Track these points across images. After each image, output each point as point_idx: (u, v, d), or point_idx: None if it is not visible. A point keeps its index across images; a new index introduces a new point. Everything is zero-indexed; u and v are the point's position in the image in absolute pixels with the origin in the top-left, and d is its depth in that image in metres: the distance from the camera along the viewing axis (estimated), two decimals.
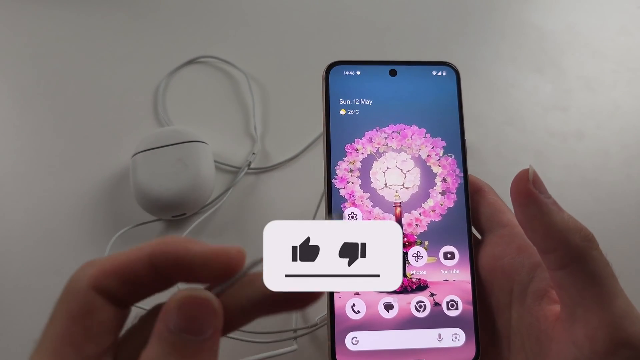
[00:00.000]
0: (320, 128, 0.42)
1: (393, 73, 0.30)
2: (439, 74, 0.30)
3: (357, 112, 0.29)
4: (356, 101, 0.29)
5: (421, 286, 0.28)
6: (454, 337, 0.27)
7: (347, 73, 0.30)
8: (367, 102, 0.29)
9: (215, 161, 0.42)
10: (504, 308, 0.27)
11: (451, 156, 0.29)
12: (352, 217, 0.28)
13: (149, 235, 0.40)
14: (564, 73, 0.48)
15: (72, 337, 0.17)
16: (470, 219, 0.28)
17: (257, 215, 0.41)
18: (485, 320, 0.28)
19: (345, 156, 0.29)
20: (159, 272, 0.18)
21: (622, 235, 0.42)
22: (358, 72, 0.30)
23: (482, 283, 0.28)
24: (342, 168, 0.29)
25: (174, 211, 0.39)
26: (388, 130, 0.29)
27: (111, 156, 0.43)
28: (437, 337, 0.27)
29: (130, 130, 0.45)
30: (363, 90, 0.29)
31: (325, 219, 0.28)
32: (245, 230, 0.41)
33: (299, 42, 0.50)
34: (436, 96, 0.30)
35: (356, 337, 0.27)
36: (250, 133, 0.45)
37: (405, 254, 0.28)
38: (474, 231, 0.29)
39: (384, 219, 0.28)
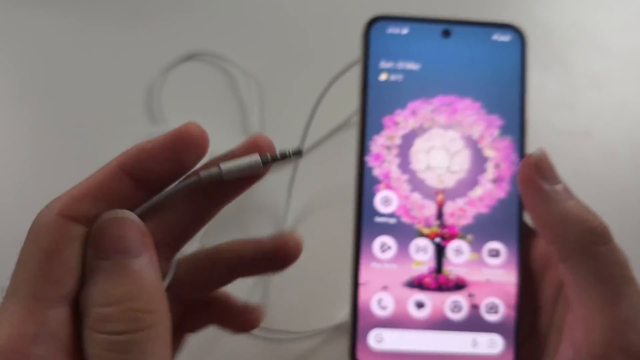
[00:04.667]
0: (323, 128, 0.43)
1: (447, 34, 0.25)
2: (502, 38, 0.25)
3: (400, 78, 0.25)
4: (400, 65, 0.25)
5: (459, 285, 0.24)
6: (491, 344, 0.24)
7: (391, 31, 0.25)
8: (414, 67, 0.25)
9: None
10: (550, 304, 0.24)
11: (508, 138, 0.25)
12: (386, 201, 0.25)
13: None
14: (569, 70, 0.47)
15: (51, 274, 0.16)
16: (522, 214, 0.25)
17: (256, 215, 0.41)
18: (526, 318, 0.25)
19: (383, 130, 0.25)
20: (136, 178, 0.18)
21: (631, 234, 0.40)
22: (405, 31, 0.25)
23: (532, 277, 0.25)
24: (377, 143, 0.25)
25: None
26: (436, 101, 0.25)
27: (103, 155, 0.42)
28: (472, 342, 0.24)
29: (124, 129, 0.43)
30: (410, 52, 0.25)
31: (354, 214, 0.24)
32: (244, 230, 0.41)
33: (299, 37, 0.48)
34: (497, 65, 0.25)
35: (381, 335, 0.24)
36: (249, 132, 0.44)
37: (443, 248, 0.24)
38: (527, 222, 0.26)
39: (422, 205, 0.25)
